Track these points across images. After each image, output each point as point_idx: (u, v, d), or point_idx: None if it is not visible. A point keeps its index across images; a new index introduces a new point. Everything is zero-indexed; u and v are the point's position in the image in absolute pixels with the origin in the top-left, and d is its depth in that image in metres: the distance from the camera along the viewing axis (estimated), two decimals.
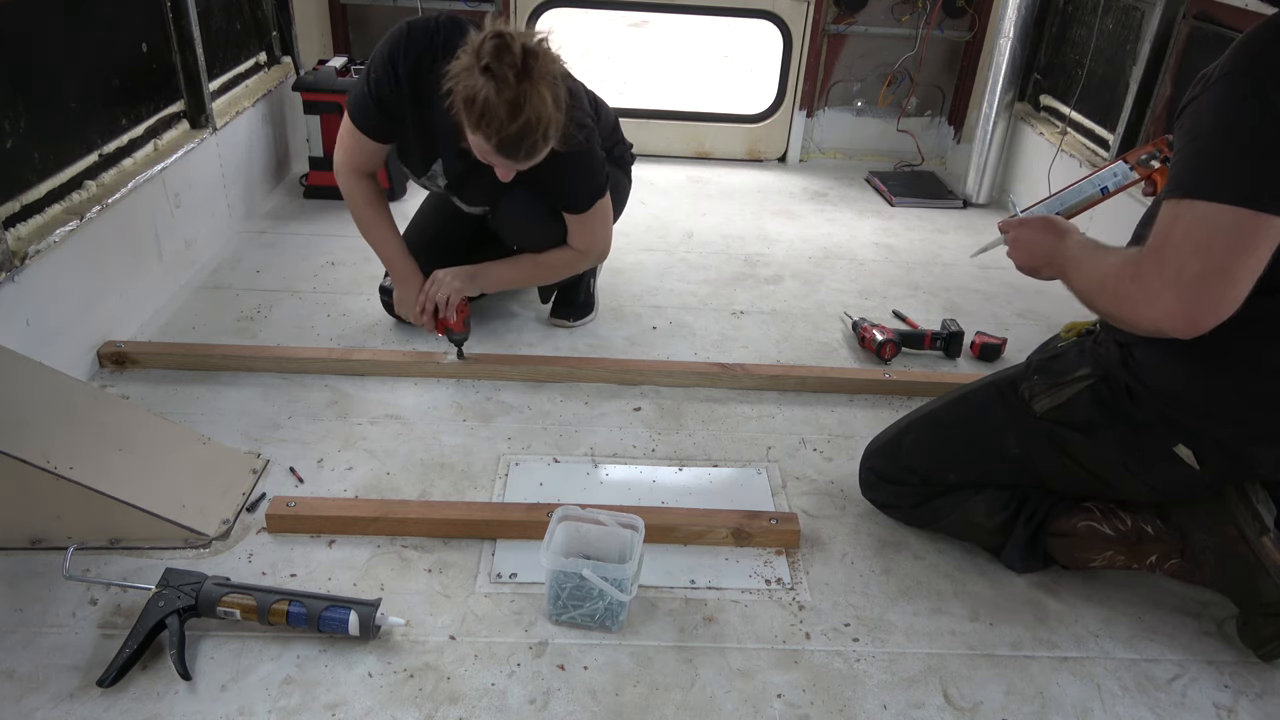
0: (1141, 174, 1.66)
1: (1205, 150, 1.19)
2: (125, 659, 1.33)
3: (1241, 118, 1.17)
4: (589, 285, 2.48)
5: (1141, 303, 1.23)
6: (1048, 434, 1.53)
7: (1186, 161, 1.21)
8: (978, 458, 1.63)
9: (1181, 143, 1.24)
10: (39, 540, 1.56)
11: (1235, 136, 1.17)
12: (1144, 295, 1.22)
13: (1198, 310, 1.18)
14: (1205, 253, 1.16)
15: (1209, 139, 1.18)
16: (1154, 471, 1.46)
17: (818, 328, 2.53)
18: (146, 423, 1.78)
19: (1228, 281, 1.17)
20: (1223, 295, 1.17)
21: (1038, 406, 1.53)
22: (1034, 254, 1.50)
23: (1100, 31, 3.09)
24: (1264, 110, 1.15)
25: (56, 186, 2.02)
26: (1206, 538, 1.48)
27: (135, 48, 2.36)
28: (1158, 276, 1.20)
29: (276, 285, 2.58)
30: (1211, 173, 1.17)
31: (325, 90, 3.05)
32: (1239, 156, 1.16)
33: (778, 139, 3.88)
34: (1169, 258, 1.19)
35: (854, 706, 1.38)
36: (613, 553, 1.53)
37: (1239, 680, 1.46)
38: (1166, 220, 1.21)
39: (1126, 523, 1.55)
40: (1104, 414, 1.46)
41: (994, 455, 1.61)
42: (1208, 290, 1.17)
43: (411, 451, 1.90)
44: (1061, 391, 1.50)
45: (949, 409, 1.71)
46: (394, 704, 1.34)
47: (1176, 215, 1.19)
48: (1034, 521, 1.60)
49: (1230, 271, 1.16)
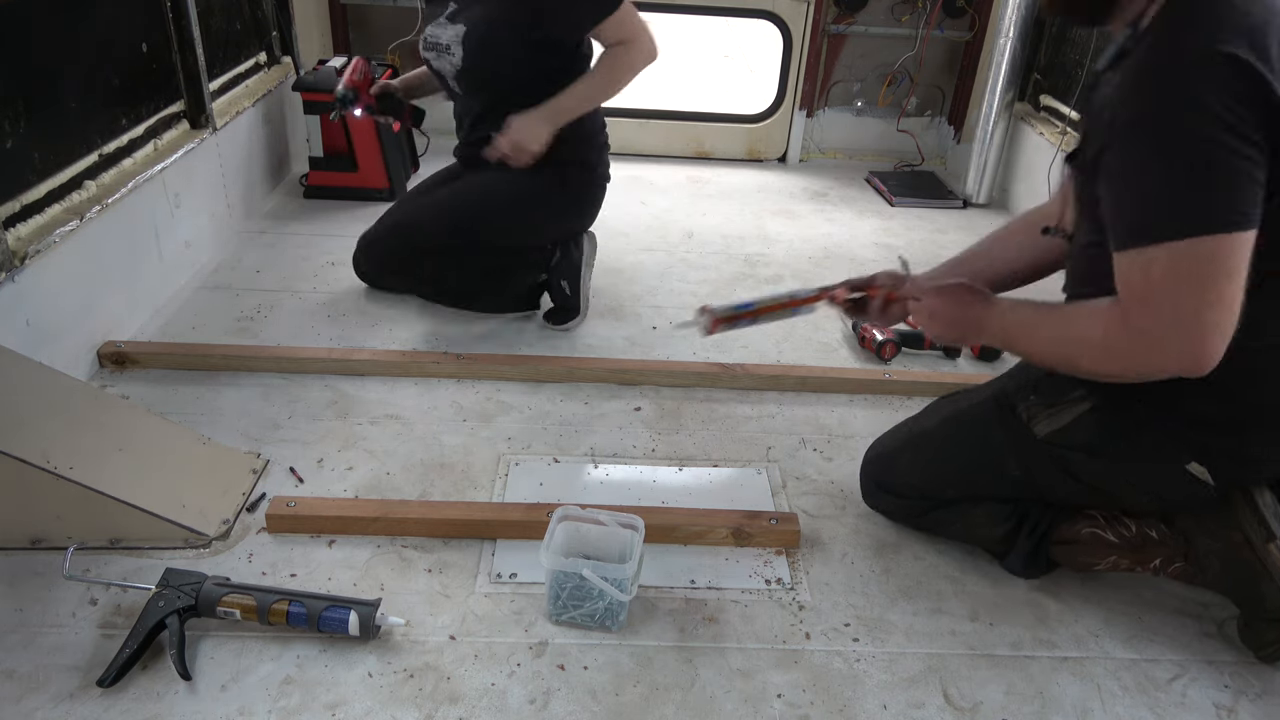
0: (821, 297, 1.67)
1: (1154, 193, 1.19)
2: (125, 659, 1.33)
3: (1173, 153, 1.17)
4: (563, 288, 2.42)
5: (1146, 353, 1.22)
6: (1049, 455, 1.51)
7: (1137, 207, 1.21)
8: (976, 478, 1.62)
9: (1115, 189, 1.24)
10: (39, 540, 1.56)
11: (1176, 172, 1.16)
12: (1146, 345, 1.22)
13: (1207, 343, 1.18)
14: (1196, 287, 1.16)
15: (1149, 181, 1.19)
16: (1164, 488, 1.46)
17: (818, 328, 2.53)
18: (146, 423, 1.78)
19: (1224, 307, 1.17)
20: (1224, 321, 1.17)
21: (1038, 430, 1.50)
22: (954, 323, 1.48)
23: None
24: (1190, 140, 1.15)
25: (56, 186, 2.02)
26: (1211, 543, 1.47)
27: (135, 48, 2.36)
28: (1155, 323, 1.20)
29: (276, 285, 2.58)
30: (1170, 212, 1.17)
31: (325, 90, 3.04)
32: (1188, 189, 1.16)
33: (778, 139, 3.88)
34: (1161, 302, 1.19)
35: (854, 706, 1.38)
36: (613, 553, 1.53)
37: (1239, 680, 1.46)
38: (1139, 267, 1.20)
39: (1131, 529, 1.54)
40: (1111, 437, 1.44)
41: (993, 475, 1.59)
42: (1209, 321, 1.17)
43: (411, 451, 1.90)
44: (1061, 414, 1.48)
45: (944, 428, 1.68)
46: (394, 704, 1.34)
47: (1150, 260, 1.18)
48: (1038, 532, 1.60)
49: (1224, 297, 1.16)
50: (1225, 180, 1.14)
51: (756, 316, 1.69)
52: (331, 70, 3.08)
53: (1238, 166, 1.14)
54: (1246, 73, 1.12)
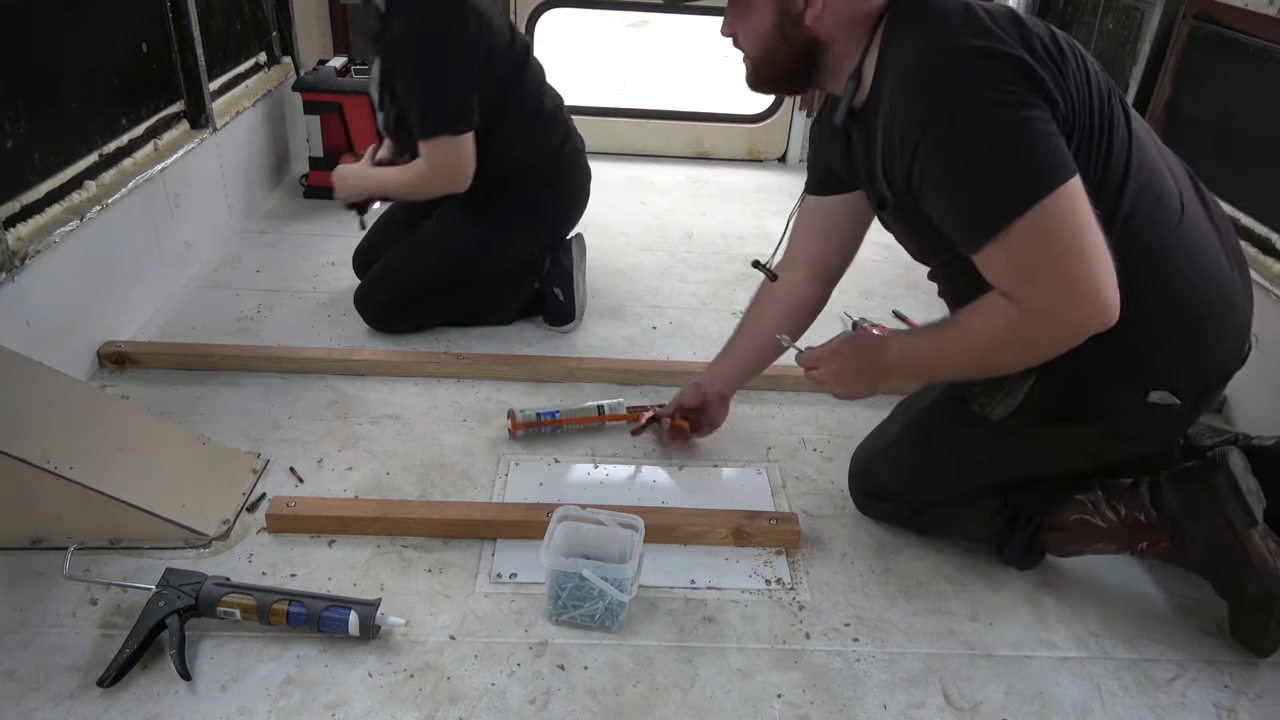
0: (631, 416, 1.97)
1: (978, 185, 1.22)
2: (125, 659, 1.33)
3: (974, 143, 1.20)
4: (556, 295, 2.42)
5: (1054, 328, 1.24)
6: (1013, 438, 1.52)
7: (971, 205, 1.24)
8: (952, 475, 1.63)
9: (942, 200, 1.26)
10: (39, 540, 1.56)
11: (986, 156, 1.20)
12: (1050, 321, 1.24)
13: (1102, 293, 1.20)
14: (1065, 247, 1.19)
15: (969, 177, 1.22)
16: (1138, 430, 1.47)
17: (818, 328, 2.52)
18: (146, 423, 1.78)
19: (1097, 254, 1.19)
20: (1105, 267, 1.19)
21: (994, 415, 1.51)
22: (858, 377, 1.50)
23: (1100, 32, 3.08)
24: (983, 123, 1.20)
25: (56, 186, 2.02)
26: (1197, 526, 1.48)
27: (135, 48, 2.36)
28: (1048, 296, 1.22)
29: (276, 285, 2.58)
30: (1002, 193, 1.20)
31: (325, 90, 3.05)
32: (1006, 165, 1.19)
33: (778, 139, 3.88)
34: (1044, 276, 1.21)
35: (854, 706, 1.38)
36: (613, 553, 1.53)
37: (1239, 680, 1.46)
38: (1003, 256, 1.22)
39: (1120, 513, 1.54)
40: (1064, 402, 1.45)
41: (968, 471, 1.60)
42: (1094, 272, 1.19)
43: (411, 451, 1.90)
44: (1011, 397, 1.48)
45: (907, 435, 1.68)
46: (394, 704, 1.34)
47: (1009, 244, 1.20)
48: (1032, 523, 1.60)
49: (1092, 245, 1.19)
50: (1030, 143, 1.18)
51: (559, 425, 1.95)
52: (331, 70, 3.08)
53: (1035, 127, 1.18)
54: (999, 53, 1.19)
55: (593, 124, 3.78)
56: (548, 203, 2.41)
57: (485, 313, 2.43)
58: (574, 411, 1.96)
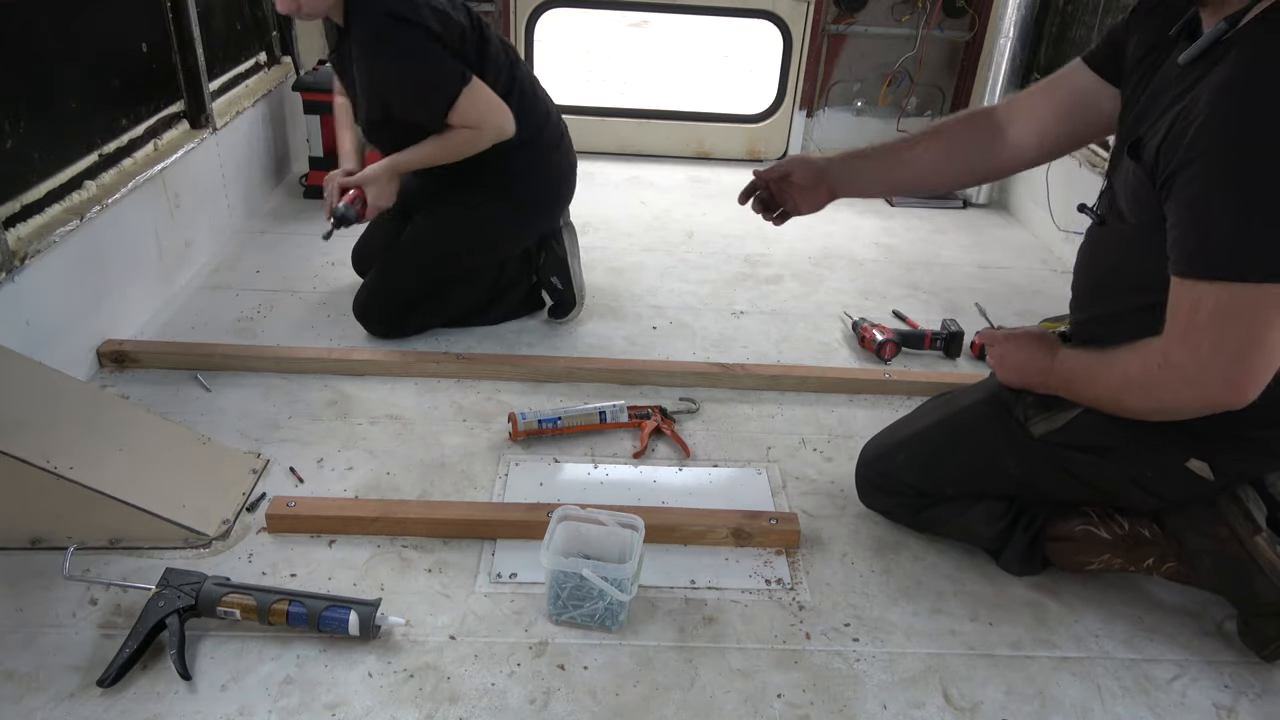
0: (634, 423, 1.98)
1: (1223, 228, 1.16)
2: (125, 659, 1.33)
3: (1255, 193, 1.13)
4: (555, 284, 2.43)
5: (1182, 388, 1.23)
6: (1047, 455, 1.51)
7: (1203, 238, 1.18)
8: (974, 476, 1.62)
9: (1186, 216, 1.20)
10: (39, 540, 1.56)
11: (1254, 213, 1.13)
12: (1183, 379, 1.22)
13: (1244, 383, 1.18)
14: (1240, 330, 1.16)
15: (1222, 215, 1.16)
16: (1164, 487, 1.46)
17: (818, 328, 2.53)
18: (146, 423, 1.78)
19: (1264, 352, 1.17)
20: (1265, 366, 1.17)
21: (1035, 430, 1.51)
22: (1024, 371, 1.51)
23: (1100, 32, 3.09)
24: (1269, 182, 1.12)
25: (56, 186, 2.02)
26: (1201, 540, 1.48)
27: (135, 48, 2.36)
28: (1194, 359, 1.20)
29: (276, 285, 2.58)
30: (1234, 252, 1.15)
31: (325, 90, 3.03)
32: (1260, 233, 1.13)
33: (778, 139, 3.88)
34: (1202, 340, 1.18)
35: (854, 706, 1.38)
36: (613, 553, 1.53)
37: (1239, 680, 1.46)
38: (1188, 301, 1.19)
39: (1124, 526, 1.54)
40: (1108, 437, 1.44)
41: (991, 473, 1.60)
42: (1249, 362, 1.17)
43: (411, 451, 1.90)
44: (1057, 416, 1.48)
45: (940, 428, 1.68)
46: (394, 704, 1.34)
47: (1199, 296, 1.17)
48: (1033, 528, 1.60)
49: (1266, 342, 1.16)
50: None
51: (560, 432, 1.95)
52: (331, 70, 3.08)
53: None
54: None
55: (593, 124, 3.80)
56: (531, 187, 2.38)
57: (485, 309, 2.42)
58: (575, 418, 1.96)
